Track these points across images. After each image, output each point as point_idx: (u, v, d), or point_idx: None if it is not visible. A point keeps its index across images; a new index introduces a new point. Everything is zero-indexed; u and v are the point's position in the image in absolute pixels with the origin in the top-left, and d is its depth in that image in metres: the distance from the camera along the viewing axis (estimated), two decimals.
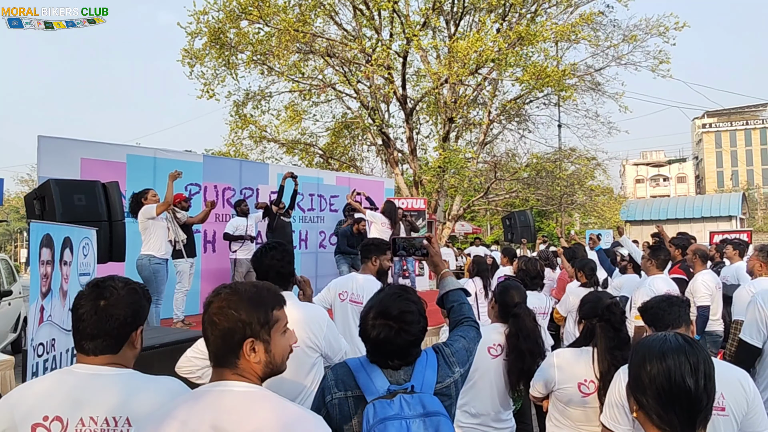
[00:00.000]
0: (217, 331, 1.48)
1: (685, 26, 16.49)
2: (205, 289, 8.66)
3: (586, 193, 21.45)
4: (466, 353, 2.10)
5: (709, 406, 1.42)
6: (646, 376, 1.46)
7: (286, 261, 2.80)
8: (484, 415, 3.04)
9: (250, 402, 1.42)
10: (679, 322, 2.47)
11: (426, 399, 1.79)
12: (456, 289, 2.33)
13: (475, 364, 3.00)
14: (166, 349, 4.02)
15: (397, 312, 1.89)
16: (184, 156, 9.25)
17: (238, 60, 16.55)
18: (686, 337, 1.54)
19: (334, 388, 1.88)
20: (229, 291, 1.52)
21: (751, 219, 40.95)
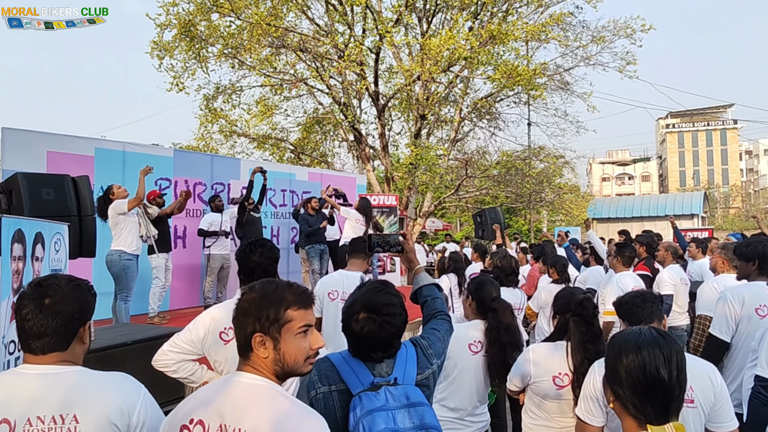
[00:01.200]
0: (237, 323, 1.58)
1: (651, 29, 16.86)
2: (175, 285, 8.55)
3: (554, 190, 21.82)
4: (442, 345, 2.18)
5: (681, 396, 1.50)
6: (623, 368, 1.52)
7: (273, 259, 2.81)
8: (461, 410, 3.10)
9: (253, 395, 1.49)
10: (652, 317, 2.57)
11: (409, 390, 1.85)
12: (429, 284, 2.40)
13: (455, 360, 3.07)
14: (138, 346, 3.97)
15: (380, 306, 1.94)
16: (155, 150, 9.11)
17: (209, 53, 16.31)
18: (660, 330, 1.62)
19: (318, 383, 1.90)
20: (249, 288, 1.61)
21: (712, 217, 42.15)
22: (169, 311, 8.21)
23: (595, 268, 6.74)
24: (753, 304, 3.36)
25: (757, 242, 3.57)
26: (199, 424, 1.48)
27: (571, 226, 26.46)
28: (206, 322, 2.65)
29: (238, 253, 2.86)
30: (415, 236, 18.42)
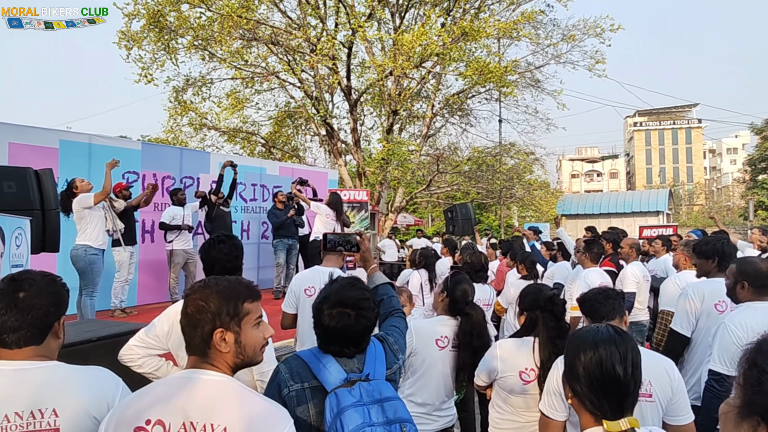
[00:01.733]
0: (191, 322, 1.56)
1: (620, 28, 17.15)
2: (143, 280, 8.43)
3: (525, 187, 22.10)
4: (404, 341, 2.25)
5: (636, 392, 1.54)
6: (580, 365, 1.56)
7: (233, 255, 2.79)
8: (429, 405, 3.13)
9: (219, 392, 1.50)
10: (614, 314, 2.62)
11: (382, 386, 1.88)
12: (384, 283, 2.47)
13: (423, 356, 3.10)
14: (104, 343, 3.89)
15: (354, 300, 1.97)
16: (122, 143, 8.94)
17: (179, 44, 16.03)
18: (616, 328, 1.66)
19: (290, 381, 1.90)
20: (203, 284, 1.61)
21: (677, 214, 43.15)
22: (137, 306, 8.09)
23: (562, 263, 6.86)
24: (712, 300, 3.45)
25: (716, 240, 3.67)
26: (159, 425, 1.46)
27: (540, 222, 26.78)
28: (170, 317, 2.65)
29: (200, 249, 2.85)
30: (386, 231, 18.46)
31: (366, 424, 1.75)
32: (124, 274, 7.19)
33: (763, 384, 0.85)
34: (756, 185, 42.92)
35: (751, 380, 0.88)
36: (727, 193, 62.82)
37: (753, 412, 0.86)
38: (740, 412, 0.89)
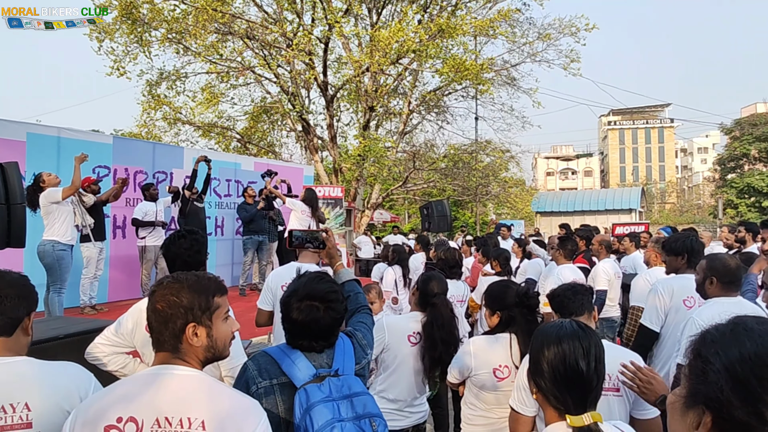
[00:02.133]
0: (160, 317, 1.55)
1: (594, 28, 17.35)
2: (114, 276, 8.28)
3: (500, 184, 22.23)
4: (371, 337, 2.27)
5: (599, 387, 1.55)
6: (544, 360, 1.57)
7: (194, 250, 2.74)
8: (400, 401, 3.13)
9: (193, 386, 1.50)
10: (582, 310, 2.64)
11: (351, 381, 1.89)
12: (351, 280, 2.49)
13: (395, 352, 3.09)
14: (72, 340, 3.81)
15: (322, 293, 1.97)
16: (92, 136, 8.75)
17: (152, 37, 15.77)
18: (580, 323, 1.67)
19: (259, 378, 1.89)
20: (172, 279, 1.60)
21: (649, 212, 43.92)
22: (108, 303, 7.95)
23: (535, 260, 6.92)
24: (681, 295, 3.51)
25: (684, 237, 3.73)
26: (131, 422, 1.44)
27: (516, 219, 27.04)
28: (134, 315, 2.63)
29: (162, 245, 2.82)
30: (362, 228, 18.44)
31: (336, 420, 1.75)
32: (92, 270, 7.04)
33: (708, 374, 0.87)
34: (725, 184, 43.86)
35: (696, 370, 0.90)
36: (698, 192, 64.14)
37: (698, 401, 0.88)
38: (686, 402, 0.91)
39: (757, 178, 39.99)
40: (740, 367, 0.84)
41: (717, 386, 0.85)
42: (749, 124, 43.00)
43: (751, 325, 0.89)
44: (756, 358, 0.83)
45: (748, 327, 0.89)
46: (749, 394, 0.81)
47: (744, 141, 42.18)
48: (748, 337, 0.87)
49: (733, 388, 0.83)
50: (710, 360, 0.88)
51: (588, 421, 1.48)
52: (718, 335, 0.90)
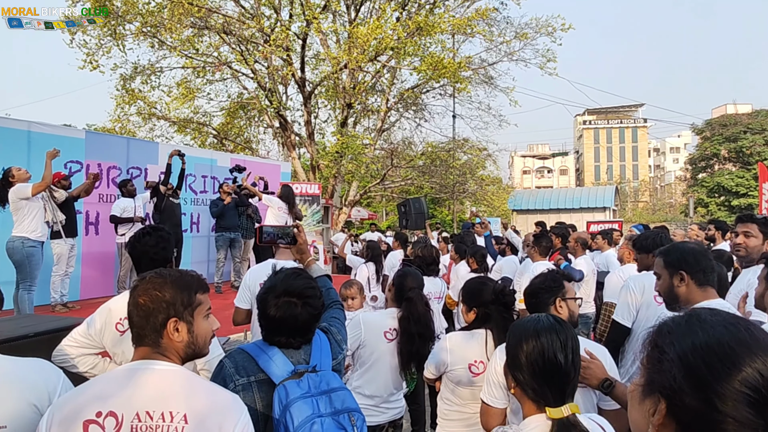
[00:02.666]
0: (142, 312, 1.55)
1: (570, 28, 17.53)
2: (87, 273, 8.15)
3: (477, 182, 22.38)
4: (345, 332, 2.30)
5: (576, 378, 1.59)
6: (523, 354, 1.59)
7: (160, 247, 2.71)
8: (377, 397, 3.14)
9: (174, 380, 1.50)
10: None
11: (329, 376, 1.90)
12: (322, 275, 2.48)
13: (371, 348, 3.10)
14: (42, 338, 3.74)
15: (299, 289, 1.98)
16: (64, 131, 8.57)
17: (126, 31, 15.51)
18: (556, 317, 1.70)
19: (236, 375, 1.88)
20: (155, 275, 1.61)
21: (622, 210, 44.61)
22: (81, 300, 7.82)
23: (510, 257, 6.98)
24: (652, 291, 3.55)
25: (654, 235, 3.80)
26: (111, 416, 1.43)
27: (492, 216, 27.21)
28: (103, 315, 2.58)
29: (127, 242, 2.79)
30: (340, 225, 18.41)
31: (315, 415, 1.76)
32: (63, 267, 6.91)
33: (663, 363, 0.91)
34: (696, 183, 44.78)
35: (653, 360, 0.95)
36: (670, 191, 65.34)
37: (654, 389, 0.92)
38: (643, 390, 0.96)
39: (726, 178, 40.91)
40: (692, 356, 0.88)
41: (671, 374, 0.89)
42: (719, 125, 43.93)
43: (705, 316, 0.93)
44: (706, 348, 0.87)
45: (702, 318, 0.93)
46: (699, 382, 0.85)
47: (714, 141, 43.10)
48: (701, 328, 0.91)
49: (685, 376, 0.87)
50: (665, 350, 0.92)
51: (567, 413, 1.51)
52: (674, 326, 0.95)
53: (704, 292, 2.39)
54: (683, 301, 2.41)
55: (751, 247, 3.38)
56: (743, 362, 0.84)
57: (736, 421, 0.83)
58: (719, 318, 0.92)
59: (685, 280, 2.41)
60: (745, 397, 0.82)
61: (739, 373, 0.83)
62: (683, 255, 2.45)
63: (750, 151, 40.64)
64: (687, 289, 2.41)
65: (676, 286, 2.44)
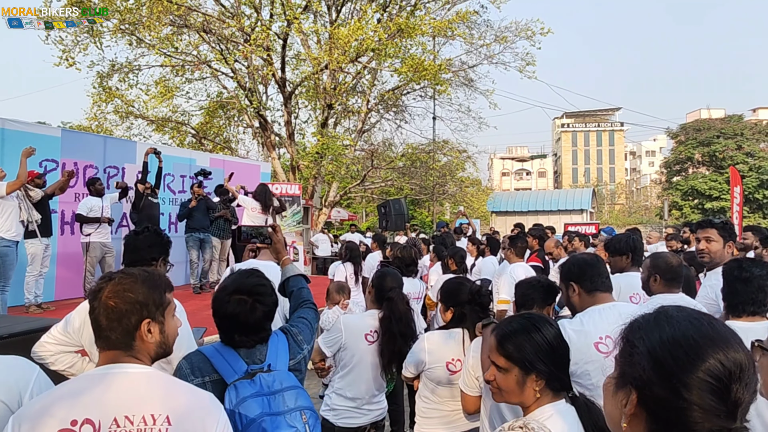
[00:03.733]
0: (113, 314, 1.50)
1: (549, 32, 17.74)
2: (62, 274, 8.02)
3: (457, 183, 22.52)
4: (310, 332, 2.29)
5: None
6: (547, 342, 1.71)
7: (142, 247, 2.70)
8: (359, 399, 3.16)
9: (151, 384, 1.47)
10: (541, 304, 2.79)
11: (282, 376, 1.93)
12: (297, 275, 2.52)
13: (352, 350, 3.12)
14: (16, 339, 3.69)
15: (250, 287, 2.01)
16: (39, 129, 8.43)
17: (104, 27, 15.31)
18: (541, 315, 1.79)
19: (191, 376, 1.90)
20: (123, 275, 1.56)
21: (599, 212, 45.21)
22: (55, 301, 7.70)
23: (489, 258, 7.03)
24: (628, 292, 3.65)
25: (626, 237, 3.88)
26: (87, 423, 1.38)
27: (472, 218, 27.37)
28: (82, 313, 2.55)
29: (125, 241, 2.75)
30: (320, 226, 18.37)
31: (265, 414, 1.79)
32: (37, 268, 6.79)
33: (633, 356, 0.98)
34: (671, 186, 45.54)
35: (624, 354, 1.02)
36: (646, 194, 66.35)
37: (626, 381, 0.99)
38: (617, 383, 1.03)
39: (700, 181, 41.67)
40: (659, 349, 0.95)
41: (640, 366, 0.96)
42: (694, 129, 44.77)
43: (672, 312, 1.00)
44: (673, 341, 0.94)
45: (669, 314, 1.00)
46: (666, 372, 0.93)
47: (689, 145, 43.89)
48: (668, 323, 0.98)
49: (653, 368, 0.94)
50: (635, 344, 0.99)
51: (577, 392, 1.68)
52: (643, 322, 1.02)
53: (593, 297, 2.52)
54: (579, 308, 2.55)
55: (713, 252, 3.46)
56: (706, 354, 0.91)
57: (700, 408, 0.89)
58: (685, 314, 0.99)
59: (576, 290, 2.55)
60: (709, 385, 0.89)
61: (702, 364, 0.90)
62: (570, 267, 2.61)
63: (723, 156, 41.47)
64: (579, 297, 2.55)
65: (570, 296, 2.59)
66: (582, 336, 2.35)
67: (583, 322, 2.41)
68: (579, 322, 2.42)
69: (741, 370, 0.90)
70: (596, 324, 2.38)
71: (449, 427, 2.88)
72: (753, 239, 6.32)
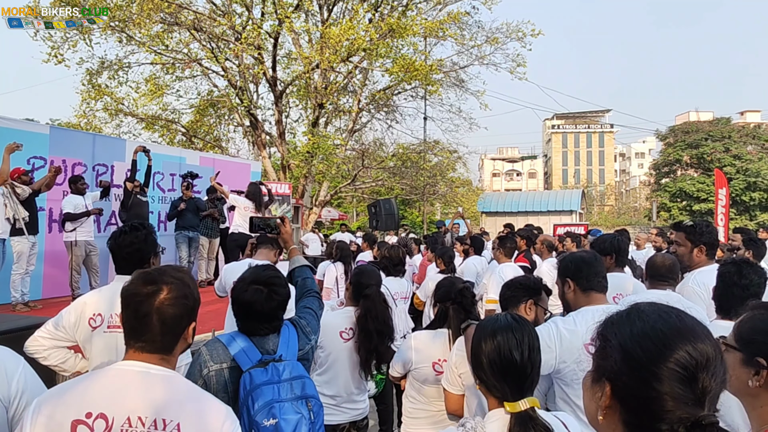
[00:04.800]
0: (172, 321, 1.53)
1: (540, 34, 17.81)
2: (49, 272, 7.97)
3: (448, 184, 22.57)
4: (316, 322, 2.47)
5: (534, 374, 1.65)
6: (482, 353, 1.66)
7: (134, 248, 2.69)
8: (339, 397, 3.17)
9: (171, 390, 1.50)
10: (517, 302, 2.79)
11: (292, 365, 2.10)
12: (303, 266, 2.68)
13: (328, 349, 3.14)
14: (4, 338, 3.68)
15: (266, 278, 2.20)
16: (27, 126, 8.37)
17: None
18: (515, 315, 1.77)
19: (210, 362, 2.08)
20: (175, 279, 1.57)
21: (589, 213, 45.44)
22: (42, 300, 7.65)
23: (473, 258, 7.01)
24: (611, 293, 3.68)
25: (611, 238, 3.92)
26: (101, 419, 1.42)
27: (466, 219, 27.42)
28: (77, 308, 2.60)
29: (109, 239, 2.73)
30: (310, 225, 18.36)
31: (275, 401, 1.96)
32: (23, 266, 6.73)
33: (607, 350, 1.03)
34: (660, 188, 45.89)
35: (599, 349, 1.06)
36: (635, 195, 66.79)
37: (601, 375, 1.04)
38: (593, 377, 1.07)
39: (688, 183, 42.01)
40: (630, 342, 0.99)
41: (613, 359, 1.00)
42: (682, 132, 45.13)
43: (644, 308, 1.05)
44: (642, 334, 0.99)
45: (641, 310, 1.04)
46: (635, 363, 0.97)
47: (677, 147, 44.23)
48: (639, 318, 1.02)
49: (623, 360, 0.99)
50: (609, 338, 1.04)
51: (524, 407, 1.57)
52: (617, 318, 1.06)
53: (587, 297, 2.53)
54: (572, 305, 2.56)
55: (680, 256, 3.49)
56: (674, 345, 0.95)
57: (670, 397, 0.93)
58: (655, 308, 1.04)
59: (571, 287, 2.56)
60: (677, 375, 0.93)
61: (671, 355, 0.94)
62: (568, 264, 2.62)
63: (711, 158, 41.82)
64: (574, 294, 2.56)
65: (565, 292, 2.60)
66: (574, 336, 2.35)
67: (576, 321, 2.42)
68: (572, 322, 2.43)
69: (708, 360, 0.94)
70: (587, 324, 2.37)
71: (436, 427, 2.90)
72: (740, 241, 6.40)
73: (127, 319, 1.56)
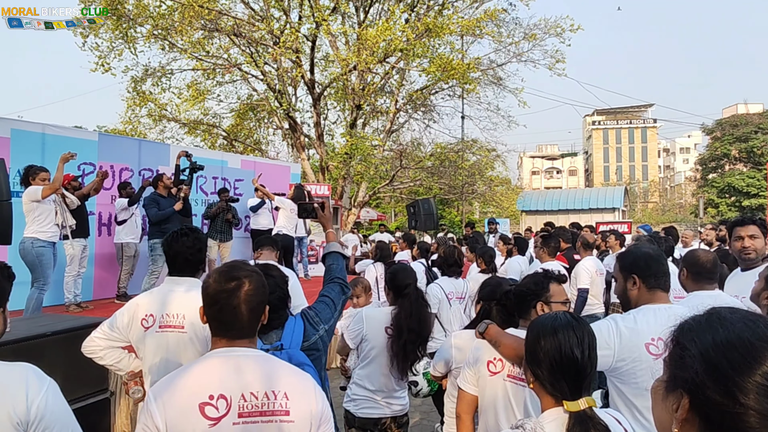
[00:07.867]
0: (258, 309, 1.73)
1: (579, 29, 17.50)
2: (99, 274, 8.23)
3: (486, 183, 22.38)
4: (331, 310, 2.49)
5: (592, 373, 1.63)
6: (540, 350, 1.64)
7: (196, 248, 2.77)
8: (379, 392, 3.19)
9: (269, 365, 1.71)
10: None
11: (292, 353, 2.16)
12: (334, 252, 2.71)
13: (372, 343, 3.17)
14: (58, 338, 3.81)
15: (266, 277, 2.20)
16: (77, 133, 8.67)
17: (137, 33, 15.67)
18: (573, 314, 1.73)
19: None
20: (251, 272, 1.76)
21: (632, 211, 44.41)
22: (93, 300, 7.90)
23: (516, 257, 6.97)
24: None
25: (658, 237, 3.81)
26: (222, 398, 1.59)
27: (501, 217, 27.20)
28: (130, 310, 2.68)
29: (163, 242, 2.81)
30: (349, 226, 18.47)
31: None
32: (75, 268, 6.98)
33: (685, 359, 0.94)
34: (706, 184, 44.50)
35: (675, 357, 0.98)
36: (680, 191, 64.91)
37: (677, 385, 0.95)
38: (667, 387, 0.99)
39: (737, 178, 40.62)
40: (713, 351, 0.91)
41: (693, 370, 0.92)
42: (730, 125, 43.64)
43: (725, 314, 0.96)
44: (727, 344, 0.90)
45: (722, 316, 0.96)
46: (721, 376, 0.88)
47: (725, 141, 42.82)
48: (721, 325, 0.94)
49: (706, 371, 0.90)
50: (687, 347, 0.95)
51: (584, 406, 1.55)
52: (694, 324, 0.98)
53: (652, 294, 2.41)
54: (633, 303, 2.45)
55: (759, 249, 3.40)
56: (764, 356, 0.87)
57: (758, 414, 0.85)
58: (738, 315, 0.95)
59: (637, 284, 2.44)
60: (766, 389, 0.85)
61: (760, 367, 0.86)
62: (635, 259, 2.49)
63: (761, 152, 40.36)
64: (638, 292, 2.44)
65: (628, 289, 2.47)
66: (634, 334, 2.26)
67: (637, 320, 2.32)
68: (632, 320, 2.33)
69: None
70: (649, 324, 2.29)
71: None
72: None
73: (215, 315, 1.70)
